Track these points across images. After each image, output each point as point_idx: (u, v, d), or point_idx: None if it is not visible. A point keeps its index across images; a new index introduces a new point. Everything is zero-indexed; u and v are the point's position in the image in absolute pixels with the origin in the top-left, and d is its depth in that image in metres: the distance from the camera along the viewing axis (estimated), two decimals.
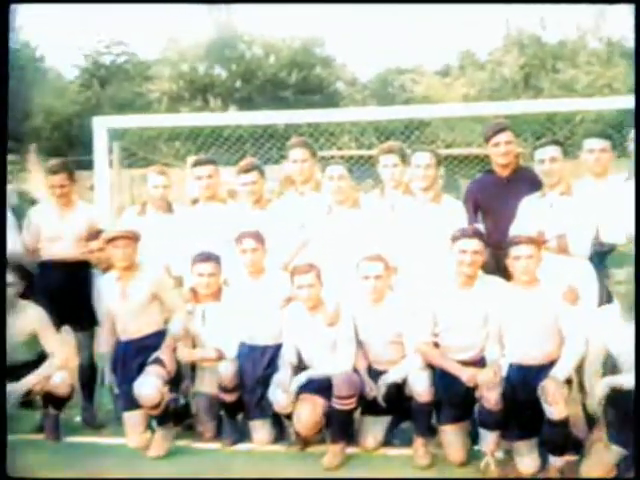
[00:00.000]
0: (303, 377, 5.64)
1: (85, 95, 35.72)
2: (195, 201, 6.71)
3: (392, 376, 5.54)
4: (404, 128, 12.64)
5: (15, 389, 5.85)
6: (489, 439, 5.26)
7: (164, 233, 6.43)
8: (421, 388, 5.38)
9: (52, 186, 6.35)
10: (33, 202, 6.93)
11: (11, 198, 6.80)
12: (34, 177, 15.80)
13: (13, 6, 5.20)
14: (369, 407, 5.66)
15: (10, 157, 6.86)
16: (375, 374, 5.65)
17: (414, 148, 6.56)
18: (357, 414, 5.72)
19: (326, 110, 11.01)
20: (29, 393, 6.02)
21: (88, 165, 7.86)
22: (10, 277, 5.91)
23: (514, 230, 5.63)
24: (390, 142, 6.64)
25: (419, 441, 5.48)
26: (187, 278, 6.21)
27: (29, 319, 6.01)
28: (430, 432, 5.51)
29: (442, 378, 5.42)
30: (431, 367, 5.48)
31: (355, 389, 5.50)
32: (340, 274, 5.78)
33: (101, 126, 7.79)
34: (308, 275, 5.61)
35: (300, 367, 5.75)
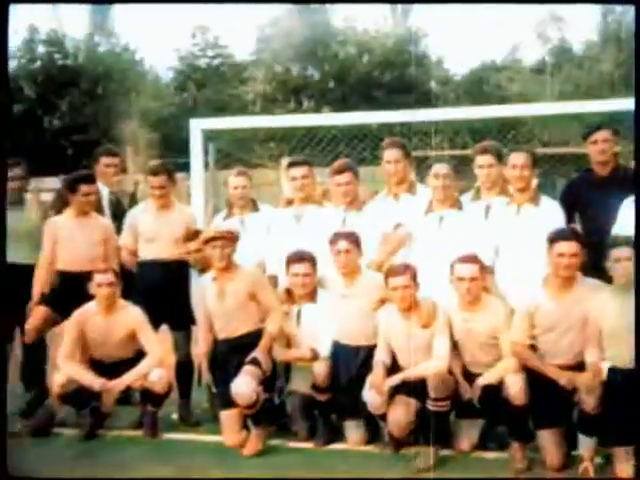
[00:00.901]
0: (397, 378, 5.61)
1: (181, 97, 36.33)
2: (290, 202, 6.75)
3: (487, 378, 5.48)
4: (499, 127, 12.46)
5: (114, 386, 6.01)
6: (587, 444, 5.15)
7: (253, 233, 6.49)
8: (516, 391, 5.29)
9: (152, 187, 6.48)
10: (131, 203, 7.07)
11: (109, 199, 6.97)
12: (132, 178, 16.15)
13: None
14: (464, 409, 5.61)
15: (109, 159, 7.02)
16: (470, 376, 5.59)
17: (510, 148, 6.47)
18: (452, 416, 5.67)
19: (419, 110, 10.91)
20: (128, 390, 6.17)
21: (184, 167, 7.97)
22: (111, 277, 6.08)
23: (615, 231, 5.49)
24: (486, 142, 6.54)
25: (515, 445, 5.39)
26: (282, 278, 6.25)
27: (128, 318, 6.15)
28: (527, 436, 5.42)
29: (538, 381, 5.33)
30: (527, 370, 5.40)
31: (450, 391, 5.47)
32: (436, 275, 5.73)
33: (197, 128, 7.89)
34: (403, 276, 5.59)
35: (394, 368, 5.73)
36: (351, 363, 5.90)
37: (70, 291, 6.32)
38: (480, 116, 8.42)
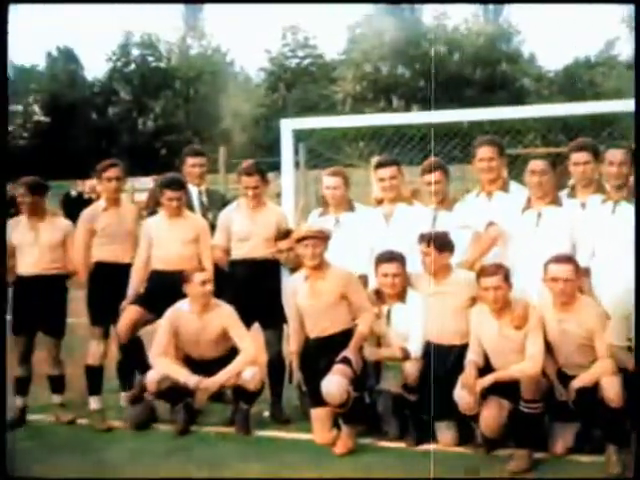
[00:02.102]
0: (489, 379, 5.55)
1: (272, 98, 36.67)
2: (380, 201, 6.73)
3: (583, 380, 5.37)
4: (593, 124, 12.22)
5: (208, 384, 6.09)
6: None
7: (347, 233, 6.49)
8: (613, 393, 5.18)
9: (245, 187, 6.56)
10: (224, 203, 7.15)
11: (199, 199, 7.06)
12: (224, 178, 16.36)
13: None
14: (558, 412, 5.51)
15: (195, 159, 7.11)
16: (564, 378, 5.49)
17: (606, 145, 6.32)
18: (546, 418, 5.58)
19: (511, 107, 10.77)
20: (221, 387, 6.24)
21: (274, 166, 8.03)
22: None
23: None
24: (582, 139, 6.39)
25: (611, 448, 5.27)
26: (372, 278, 6.24)
27: (221, 317, 6.23)
28: (623, 439, 5.29)
29: (635, 384, 5.19)
30: (623, 372, 5.27)
31: (543, 393, 5.38)
32: (533, 273, 5.64)
33: (287, 128, 7.93)
34: (496, 277, 5.52)
35: (486, 368, 5.66)
36: (442, 363, 5.85)
37: (164, 290, 6.45)
38: (574, 113, 8.23)
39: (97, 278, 6.64)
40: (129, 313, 6.47)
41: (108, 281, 6.60)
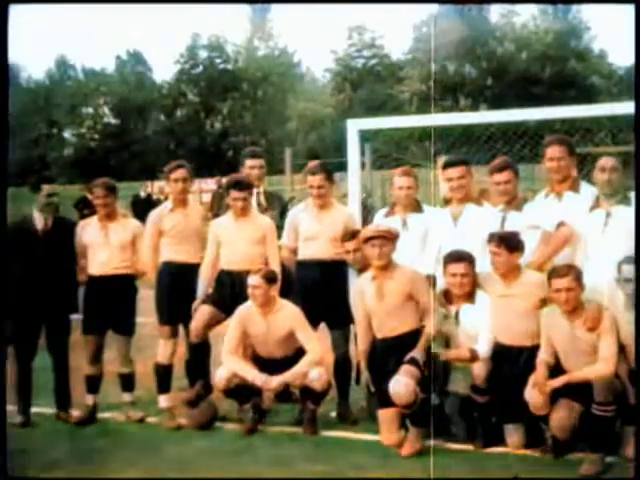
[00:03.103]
0: (561, 380, 5.46)
1: (338, 98, 36.70)
2: (448, 201, 6.68)
3: None
4: None
5: (276, 383, 6.12)
6: None
7: (414, 233, 6.45)
8: None
9: (311, 187, 6.57)
10: (281, 205, 7.16)
11: (258, 200, 7.08)
12: (290, 179, 16.44)
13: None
14: (631, 415, 5.40)
15: (252, 161, 7.13)
16: (638, 380, 5.38)
17: None
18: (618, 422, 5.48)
19: (581, 105, 10.61)
20: (288, 387, 6.27)
21: (340, 167, 8.02)
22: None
23: None
24: None
25: None
26: (440, 278, 6.20)
27: (287, 317, 6.25)
28: None
29: None
30: None
31: (616, 396, 5.28)
32: (603, 274, 5.54)
33: (354, 128, 7.92)
34: (567, 278, 5.43)
35: (557, 370, 5.58)
36: (512, 364, 5.78)
37: (232, 290, 6.50)
38: None
39: (165, 278, 6.72)
40: (201, 313, 6.53)
41: (176, 281, 6.68)
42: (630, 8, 5.33)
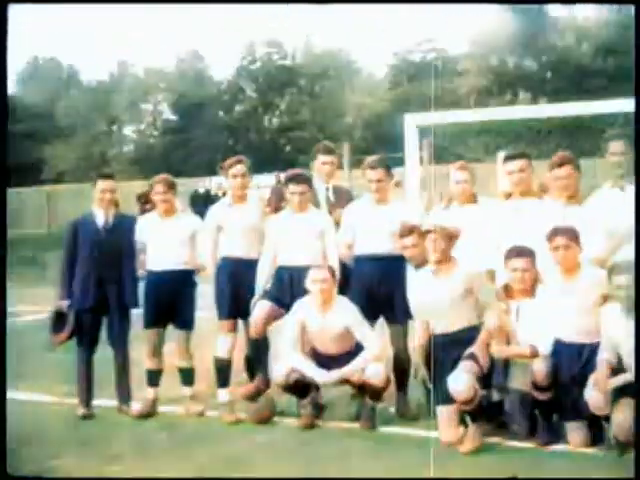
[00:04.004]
0: (622, 379, 5.38)
1: (395, 92, 36.56)
2: (508, 195, 6.62)
3: None
4: None
5: (335, 378, 6.13)
6: None
7: (472, 227, 6.40)
8: None
9: (370, 181, 6.55)
10: (350, 200, 7.15)
11: (326, 195, 7.07)
12: (348, 175, 16.43)
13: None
14: None
15: (325, 157, 7.12)
16: None
17: None
18: None
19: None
20: (346, 383, 6.27)
21: (396, 162, 7.99)
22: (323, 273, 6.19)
23: None
24: None
25: None
26: (500, 273, 6.14)
27: (344, 313, 6.25)
28: None
29: None
30: None
31: None
32: None
33: (411, 123, 7.89)
34: (627, 275, 5.34)
35: (619, 369, 5.49)
36: (574, 361, 5.70)
37: (291, 285, 6.52)
38: None
39: (224, 273, 6.76)
40: (260, 308, 6.56)
41: (235, 276, 6.72)
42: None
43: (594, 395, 5.43)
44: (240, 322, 6.82)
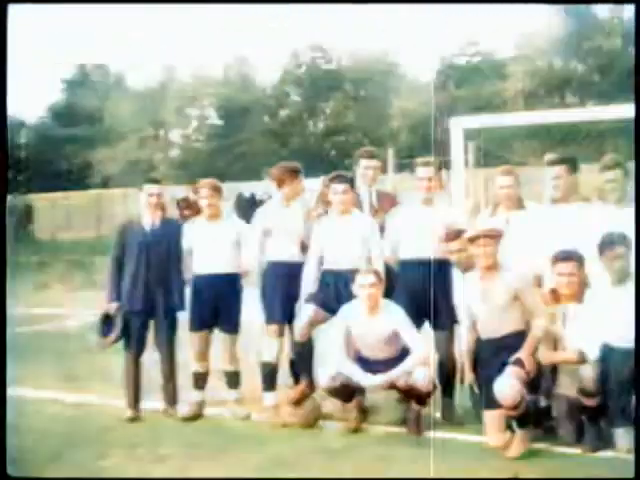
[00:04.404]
0: None
1: (441, 96, 36.42)
2: (556, 200, 6.56)
3: None
4: None
5: (380, 382, 6.13)
6: None
7: (519, 232, 6.36)
8: None
9: (420, 178, 6.54)
10: (393, 205, 7.13)
11: (371, 200, 7.07)
12: (392, 179, 16.40)
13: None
14: None
15: (368, 162, 7.12)
16: None
17: None
18: None
19: None
20: (392, 387, 6.26)
21: (443, 166, 7.95)
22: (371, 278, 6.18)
23: None
24: None
25: None
26: (547, 278, 6.09)
27: (390, 318, 6.24)
28: None
29: None
30: None
31: None
32: None
33: (457, 126, 7.85)
34: None
35: None
36: (623, 367, 5.64)
37: (337, 289, 6.53)
38: None
39: (271, 277, 6.79)
40: (305, 312, 6.58)
41: (282, 280, 6.74)
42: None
43: None
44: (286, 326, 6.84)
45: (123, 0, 8.23)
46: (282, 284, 6.72)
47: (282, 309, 6.72)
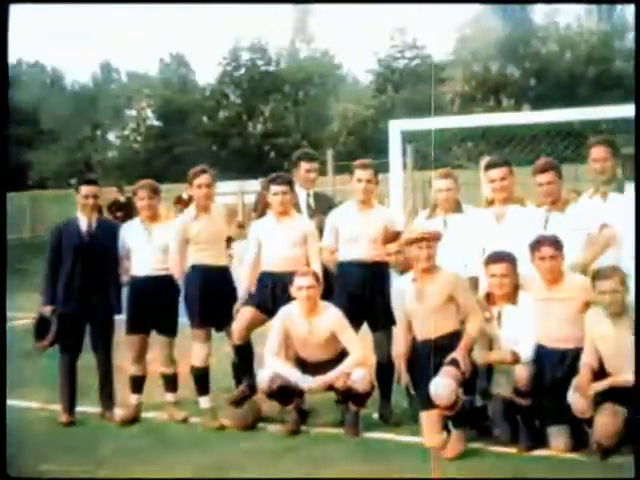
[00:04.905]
0: (604, 384, 5.41)
1: (379, 99, 36.63)
2: (491, 202, 6.64)
3: None
4: None
5: (318, 384, 6.13)
6: None
7: (455, 234, 6.41)
8: None
9: (359, 180, 6.51)
10: (331, 207, 7.14)
11: (307, 202, 7.08)
12: (332, 181, 16.45)
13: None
14: None
15: (309, 164, 7.12)
16: None
17: None
18: None
19: (626, 105, 10.51)
20: (330, 389, 6.27)
21: (382, 168, 8.01)
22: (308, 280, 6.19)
23: None
24: None
25: None
26: (483, 280, 6.16)
27: (329, 320, 6.25)
28: None
29: None
30: None
31: None
32: None
33: (396, 129, 7.91)
34: (612, 280, 5.37)
35: (601, 373, 5.52)
36: (556, 367, 5.74)
37: (274, 291, 6.52)
38: None
39: (194, 282, 6.71)
40: (243, 314, 6.55)
41: (205, 284, 6.67)
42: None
43: (577, 399, 5.46)
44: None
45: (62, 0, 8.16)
46: (206, 288, 6.66)
47: (208, 313, 6.67)
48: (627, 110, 8.12)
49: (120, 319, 6.88)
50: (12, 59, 41.89)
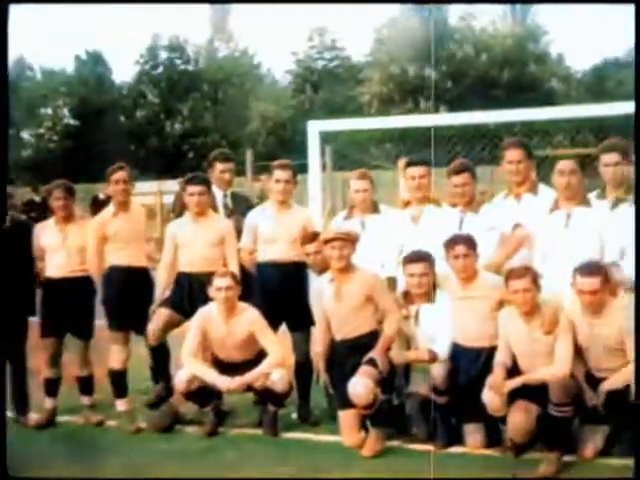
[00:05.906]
0: (517, 381, 5.51)
1: (298, 100, 36.69)
2: (407, 203, 6.71)
3: (613, 383, 5.32)
4: (623, 125, 12.12)
5: (236, 385, 6.11)
6: None
7: (373, 235, 6.46)
8: None
9: (277, 181, 6.52)
10: (248, 207, 7.12)
11: (223, 202, 7.05)
12: (250, 181, 16.41)
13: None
14: (588, 415, 5.47)
15: (224, 165, 7.09)
16: (593, 381, 5.44)
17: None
18: (575, 422, 5.53)
19: (540, 108, 10.74)
20: (249, 389, 6.25)
21: (301, 168, 8.02)
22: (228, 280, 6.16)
23: None
24: (613, 139, 6.26)
25: None
26: (400, 280, 6.22)
27: (247, 320, 6.24)
28: None
29: None
30: None
31: (572, 396, 5.33)
32: (561, 275, 5.57)
33: (314, 130, 7.92)
34: (524, 279, 5.47)
35: (514, 371, 5.62)
36: (471, 365, 5.82)
37: (191, 292, 6.48)
38: (602, 114, 8.16)
39: (112, 283, 6.64)
40: (159, 316, 6.49)
41: (123, 285, 6.60)
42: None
43: (490, 397, 5.54)
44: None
45: None
46: (124, 289, 6.59)
47: (126, 315, 6.59)
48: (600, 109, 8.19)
49: (34, 321, 6.74)
50: None
